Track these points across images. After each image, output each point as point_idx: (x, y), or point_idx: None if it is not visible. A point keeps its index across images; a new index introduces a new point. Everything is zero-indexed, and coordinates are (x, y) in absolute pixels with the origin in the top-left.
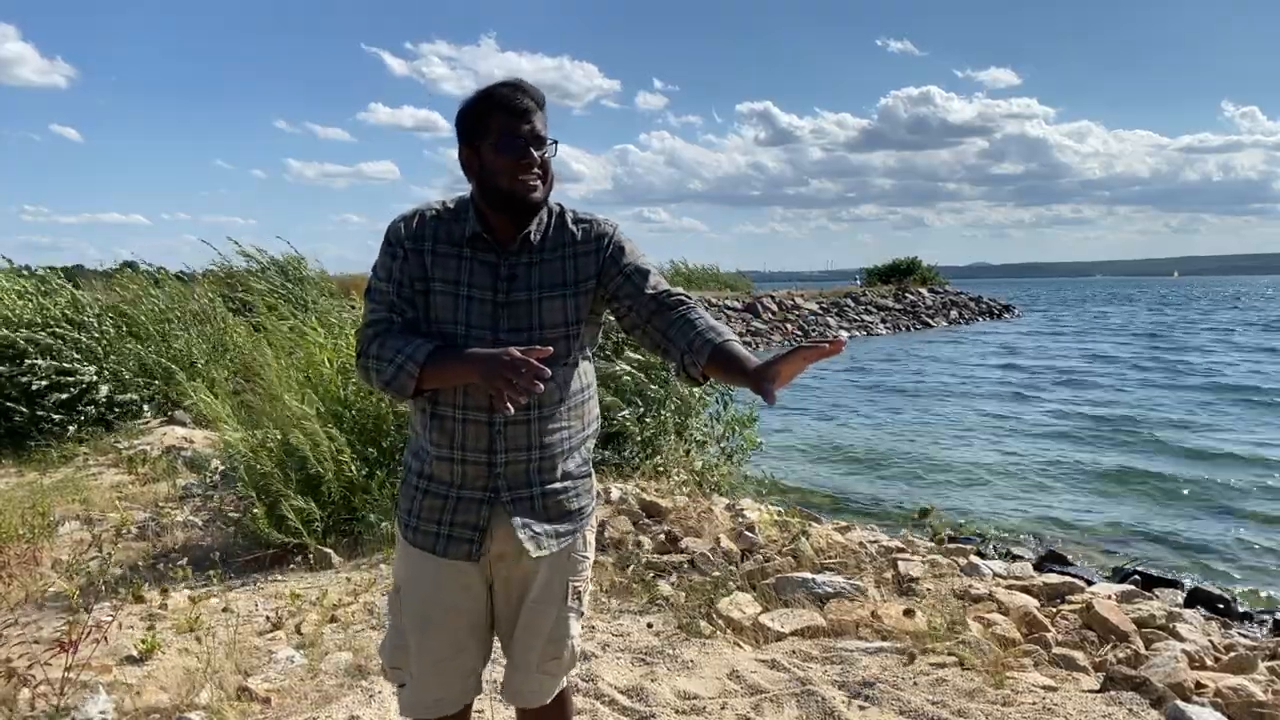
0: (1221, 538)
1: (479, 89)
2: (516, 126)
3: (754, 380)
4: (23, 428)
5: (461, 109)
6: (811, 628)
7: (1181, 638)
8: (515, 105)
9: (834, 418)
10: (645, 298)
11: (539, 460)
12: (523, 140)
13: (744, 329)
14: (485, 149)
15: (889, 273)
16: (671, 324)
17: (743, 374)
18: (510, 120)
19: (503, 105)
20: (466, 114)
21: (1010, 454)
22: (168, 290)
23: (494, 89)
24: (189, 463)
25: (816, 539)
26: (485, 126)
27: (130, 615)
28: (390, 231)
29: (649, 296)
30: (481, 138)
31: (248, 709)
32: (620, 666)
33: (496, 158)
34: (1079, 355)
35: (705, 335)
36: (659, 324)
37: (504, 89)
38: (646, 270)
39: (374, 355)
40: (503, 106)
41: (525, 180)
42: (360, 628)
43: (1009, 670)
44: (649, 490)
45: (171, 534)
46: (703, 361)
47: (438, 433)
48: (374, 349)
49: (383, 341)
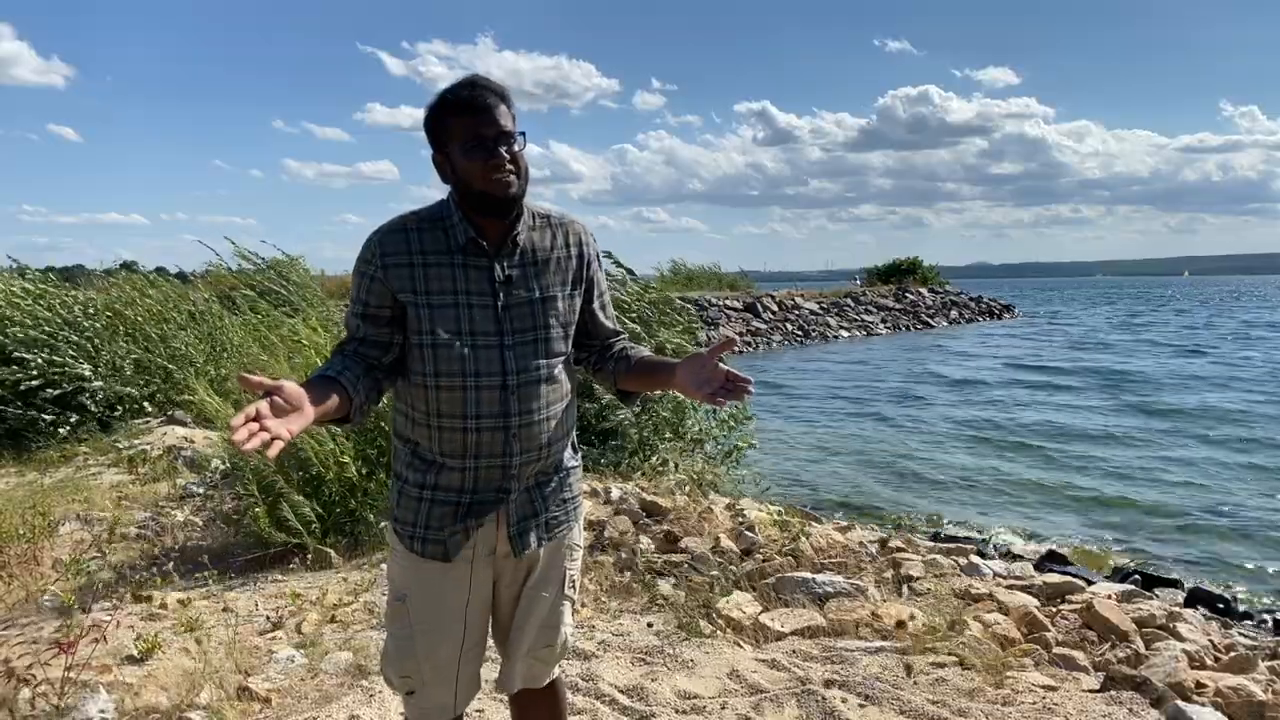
0: (1221, 537)
1: (438, 92)
2: (480, 126)
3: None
4: (19, 427)
5: (426, 113)
6: (811, 627)
7: (1182, 637)
8: (475, 103)
9: (834, 418)
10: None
11: (546, 457)
12: (489, 140)
13: (744, 329)
14: (454, 153)
15: (889, 272)
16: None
17: (668, 378)
18: (473, 121)
19: (463, 106)
20: (430, 120)
21: (1011, 453)
22: (163, 290)
23: (451, 91)
24: (189, 463)
25: (816, 539)
26: (449, 130)
27: (130, 615)
28: (366, 249)
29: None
30: (448, 142)
31: (248, 709)
32: (620, 666)
33: (466, 160)
34: (1080, 355)
35: (630, 356)
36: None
37: (462, 90)
38: (607, 302)
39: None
40: (463, 108)
41: (499, 179)
42: (360, 628)
43: (1009, 670)
44: (649, 490)
45: (171, 534)
46: (625, 370)
47: (449, 444)
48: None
49: (331, 356)
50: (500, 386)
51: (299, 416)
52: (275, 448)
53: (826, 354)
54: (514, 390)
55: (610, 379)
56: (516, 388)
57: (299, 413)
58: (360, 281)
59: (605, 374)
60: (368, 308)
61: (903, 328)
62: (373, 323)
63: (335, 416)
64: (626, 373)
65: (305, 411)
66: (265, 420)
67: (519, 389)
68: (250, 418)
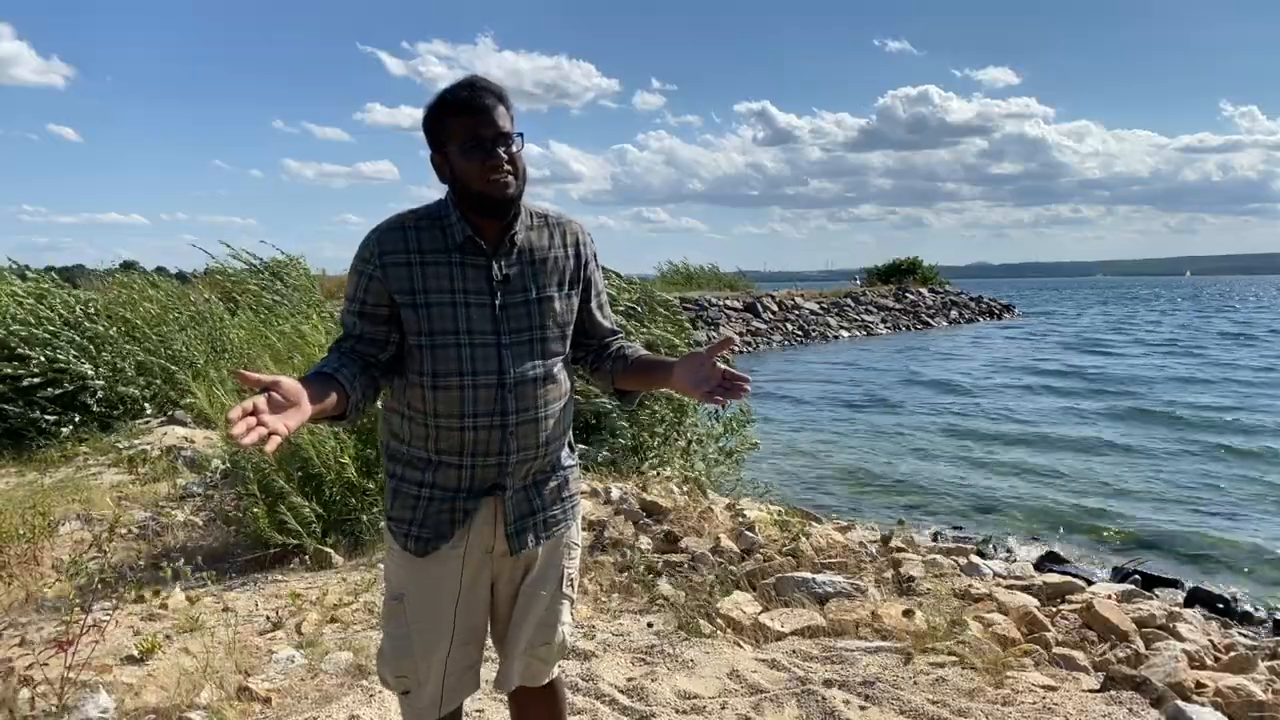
0: (1221, 538)
1: (437, 93)
2: (478, 127)
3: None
4: (20, 426)
5: (425, 113)
6: (811, 627)
7: (1181, 637)
8: (474, 104)
9: (834, 417)
10: (601, 329)
11: (544, 456)
12: (487, 141)
13: (744, 329)
14: (452, 153)
15: (889, 272)
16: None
17: (665, 376)
18: (471, 121)
19: (462, 107)
20: (429, 120)
21: (1010, 455)
22: (163, 290)
23: (450, 91)
24: (189, 462)
25: (816, 538)
26: (448, 130)
27: (130, 615)
28: (364, 248)
29: (605, 329)
30: (446, 142)
31: (248, 709)
32: (620, 666)
33: (464, 161)
34: (1075, 356)
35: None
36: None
37: (461, 90)
38: (604, 301)
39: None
40: (462, 108)
41: (497, 179)
42: (360, 628)
43: (1009, 670)
44: (649, 490)
45: (172, 534)
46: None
47: (445, 441)
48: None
49: (327, 355)
50: (497, 385)
51: (296, 412)
52: (273, 443)
53: (817, 355)
54: (510, 389)
55: (608, 378)
56: (513, 386)
57: (296, 408)
58: (358, 280)
59: (603, 373)
60: (365, 306)
61: (903, 328)
62: (370, 320)
63: (332, 413)
64: (624, 372)
65: (303, 407)
66: (263, 415)
67: (515, 388)
68: (248, 412)
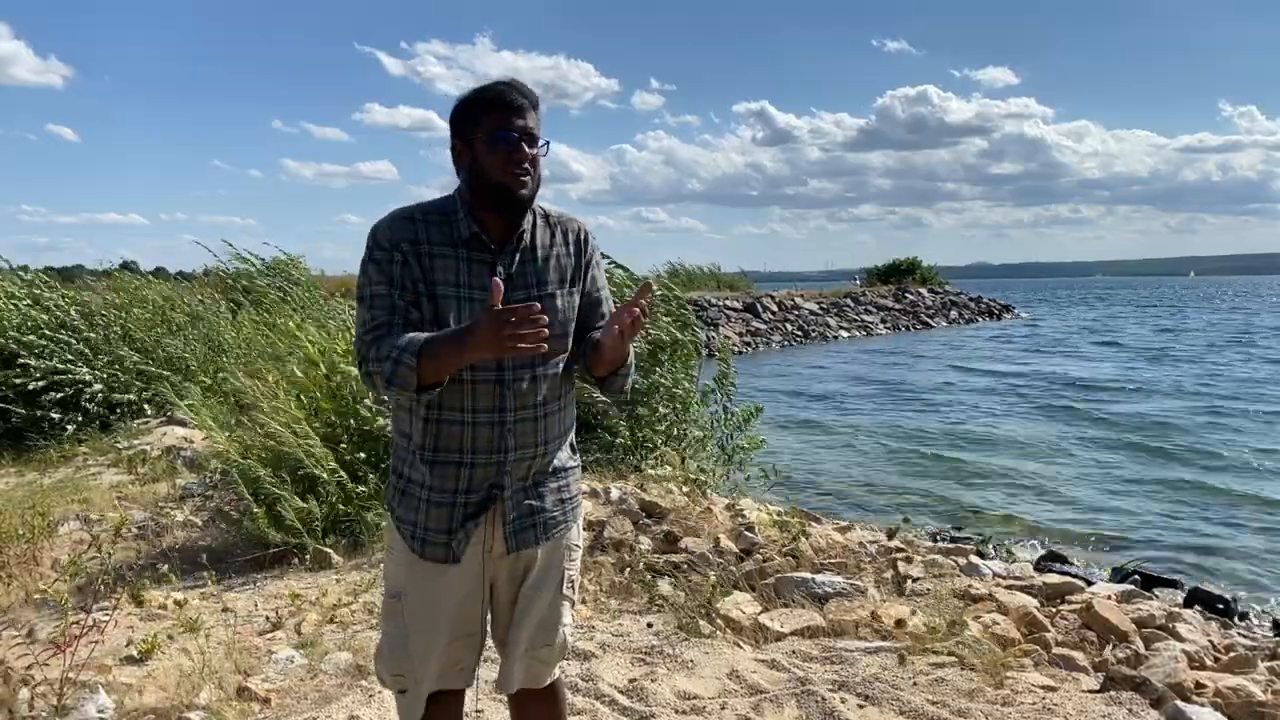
0: (1221, 538)
1: (476, 85)
2: (510, 121)
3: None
4: (22, 428)
5: (458, 102)
6: (811, 628)
7: (1181, 638)
8: (510, 101)
9: (834, 418)
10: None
11: (543, 455)
12: (515, 135)
13: (744, 329)
14: (478, 143)
15: (889, 273)
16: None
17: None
18: (504, 115)
19: (498, 101)
20: (462, 107)
21: (1010, 455)
22: (159, 290)
23: (491, 85)
24: (189, 463)
25: (816, 539)
26: (479, 121)
27: (130, 615)
28: (381, 236)
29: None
30: (475, 131)
31: (247, 709)
32: (620, 666)
33: (489, 151)
34: (1082, 358)
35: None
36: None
37: (501, 85)
38: (605, 299)
39: (373, 358)
40: (498, 102)
41: (516, 175)
42: (360, 628)
43: (1009, 670)
44: (649, 490)
45: (171, 534)
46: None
47: (445, 438)
48: (372, 352)
49: (379, 344)
50: (496, 381)
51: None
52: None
53: (817, 355)
54: (509, 385)
55: (587, 368)
56: (512, 383)
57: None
58: (389, 267)
59: (585, 366)
60: (404, 290)
61: (902, 328)
62: (406, 295)
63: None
64: (593, 353)
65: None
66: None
67: (514, 384)
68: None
